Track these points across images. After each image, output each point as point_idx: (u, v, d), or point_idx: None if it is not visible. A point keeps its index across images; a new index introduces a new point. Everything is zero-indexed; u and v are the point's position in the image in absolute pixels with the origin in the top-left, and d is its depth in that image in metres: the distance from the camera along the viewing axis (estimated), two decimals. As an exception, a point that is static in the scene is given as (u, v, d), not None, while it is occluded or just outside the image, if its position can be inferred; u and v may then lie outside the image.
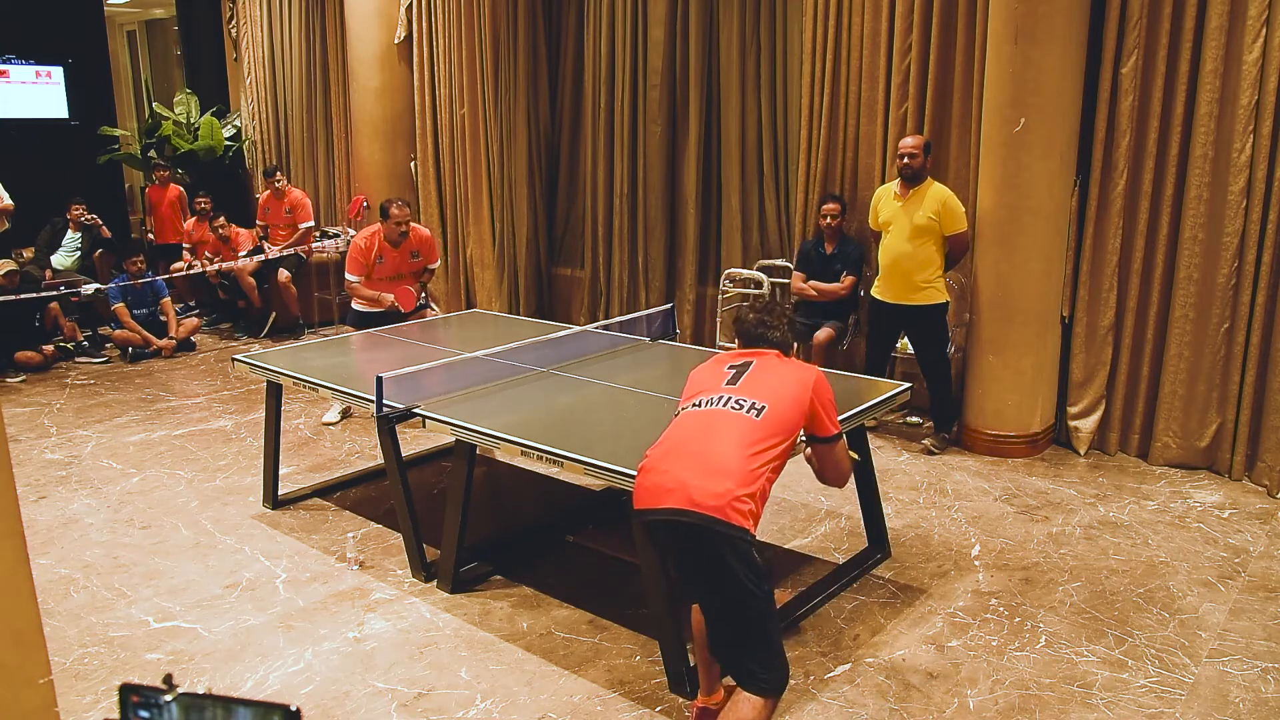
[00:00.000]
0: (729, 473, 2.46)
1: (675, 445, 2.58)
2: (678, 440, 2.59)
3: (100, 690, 3.12)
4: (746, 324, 2.86)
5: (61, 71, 9.32)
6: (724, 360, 2.80)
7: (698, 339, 6.88)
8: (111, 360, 7.40)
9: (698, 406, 2.65)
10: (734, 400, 2.61)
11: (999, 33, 4.80)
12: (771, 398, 2.61)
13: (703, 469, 2.47)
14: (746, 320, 2.87)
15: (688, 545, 2.53)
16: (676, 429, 2.65)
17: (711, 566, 2.48)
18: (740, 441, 2.51)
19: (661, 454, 2.59)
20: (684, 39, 6.62)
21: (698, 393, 2.71)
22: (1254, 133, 4.50)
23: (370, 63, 8.36)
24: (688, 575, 2.64)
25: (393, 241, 5.56)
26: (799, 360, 2.84)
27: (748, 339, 2.84)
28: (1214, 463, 4.85)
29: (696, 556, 2.53)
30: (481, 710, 2.99)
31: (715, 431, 2.54)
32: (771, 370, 2.71)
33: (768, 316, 2.85)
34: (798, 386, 2.66)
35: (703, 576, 2.54)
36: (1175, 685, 3.09)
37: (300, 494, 4.71)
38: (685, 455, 2.53)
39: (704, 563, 2.51)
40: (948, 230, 4.93)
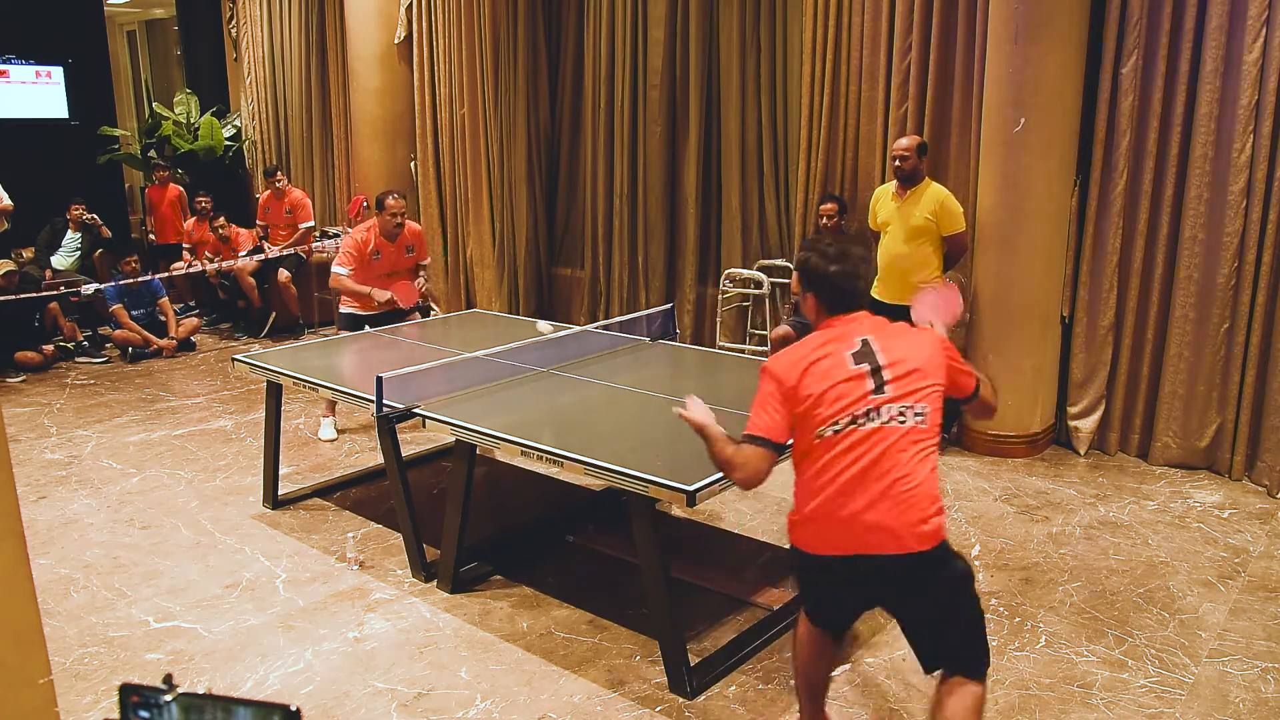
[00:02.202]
0: (923, 496, 2.28)
1: (853, 483, 2.28)
2: (852, 476, 2.28)
3: (100, 690, 3.12)
4: (832, 279, 2.40)
5: (61, 71, 9.32)
6: (838, 342, 2.37)
7: (698, 339, 6.88)
8: (111, 360, 7.40)
9: (854, 426, 2.29)
10: (895, 412, 2.30)
11: (999, 33, 4.80)
12: (927, 393, 2.33)
13: (896, 505, 2.26)
14: (831, 274, 2.40)
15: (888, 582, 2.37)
16: (841, 460, 2.30)
17: (921, 589, 2.36)
18: (917, 457, 2.30)
19: (837, 493, 2.29)
20: (684, 39, 6.62)
21: (839, 404, 2.31)
22: (1254, 133, 4.50)
23: (370, 63, 8.36)
24: (857, 608, 2.56)
25: (389, 235, 5.47)
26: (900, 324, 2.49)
27: (838, 298, 2.41)
28: (1214, 463, 4.85)
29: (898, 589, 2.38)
30: (481, 710, 2.99)
31: (892, 457, 2.28)
32: (900, 348, 2.35)
33: (850, 264, 2.42)
34: (933, 359, 2.37)
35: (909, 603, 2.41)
36: (1175, 685, 3.09)
37: (300, 494, 4.71)
38: (870, 494, 2.27)
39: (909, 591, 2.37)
40: (945, 230, 4.93)
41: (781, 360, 2.41)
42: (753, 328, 6.55)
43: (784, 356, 2.41)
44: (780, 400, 2.36)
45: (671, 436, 3.43)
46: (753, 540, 4.20)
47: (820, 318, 2.46)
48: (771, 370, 2.40)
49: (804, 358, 2.37)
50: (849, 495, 2.29)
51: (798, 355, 2.39)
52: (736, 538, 4.24)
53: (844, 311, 2.41)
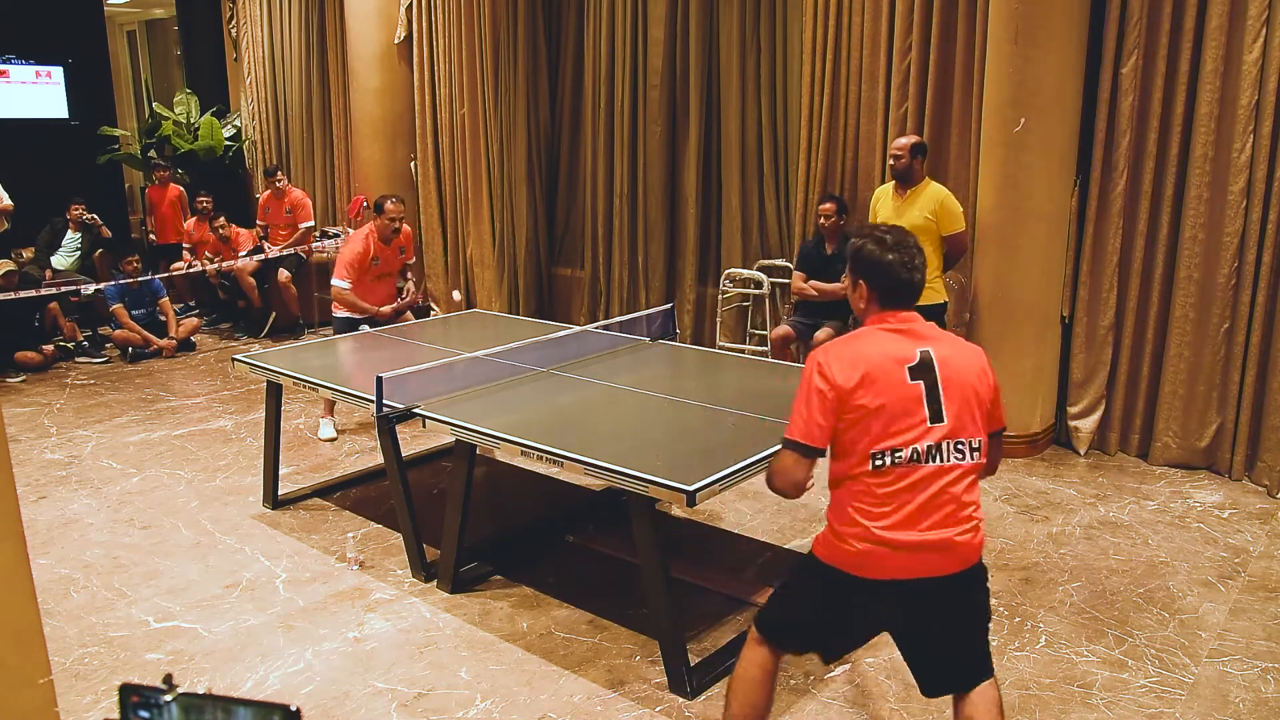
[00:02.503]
0: (971, 517, 2.24)
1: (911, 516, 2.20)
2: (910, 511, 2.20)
3: (100, 690, 3.12)
4: (890, 268, 2.25)
5: (61, 71, 9.32)
6: (896, 347, 2.23)
7: (698, 339, 6.88)
8: (111, 360, 7.40)
9: (915, 463, 2.19)
10: (954, 449, 2.21)
11: (999, 33, 4.80)
12: (981, 420, 2.25)
13: (948, 527, 2.21)
14: (888, 263, 2.25)
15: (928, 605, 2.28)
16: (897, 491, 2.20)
17: (956, 609, 2.31)
18: (968, 485, 2.24)
19: (892, 525, 2.21)
20: (684, 39, 6.62)
21: (896, 429, 2.19)
22: (1254, 133, 4.50)
23: (370, 63, 8.36)
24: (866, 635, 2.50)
25: (385, 239, 5.48)
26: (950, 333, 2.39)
27: (896, 290, 2.27)
28: (1214, 463, 4.85)
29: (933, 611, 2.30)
30: (481, 710, 2.99)
31: (949, 491, 2.21)
32: (956, 369, 2.23)
33: (908, 254, 2.27)
34: (982, 381, 2.27)
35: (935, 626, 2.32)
36: (1175, 685, 3.09)
37: (300, 494, 4.71)
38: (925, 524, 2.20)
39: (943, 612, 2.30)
40: (945, 230, 4.93)
41: (837, 358, 2.22)
42: (753, 328, 6.55)
43: (839, 354, 2.23)
44: (830, 405, 2.21)
45: (671, 436, 3.43)
46: (753, 540, 4.20)
47: (870, 310, 2.31)
48: (825, 368, 2.22)
49: (861, 359, 2.21)
50: (905, 526, 2.20)
51: (855, 354, 2.22)
52: (736, 538, 4.24)
53: (897, 306, 2.28)
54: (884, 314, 2.29)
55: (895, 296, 2.27)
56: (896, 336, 2.25)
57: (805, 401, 2.24)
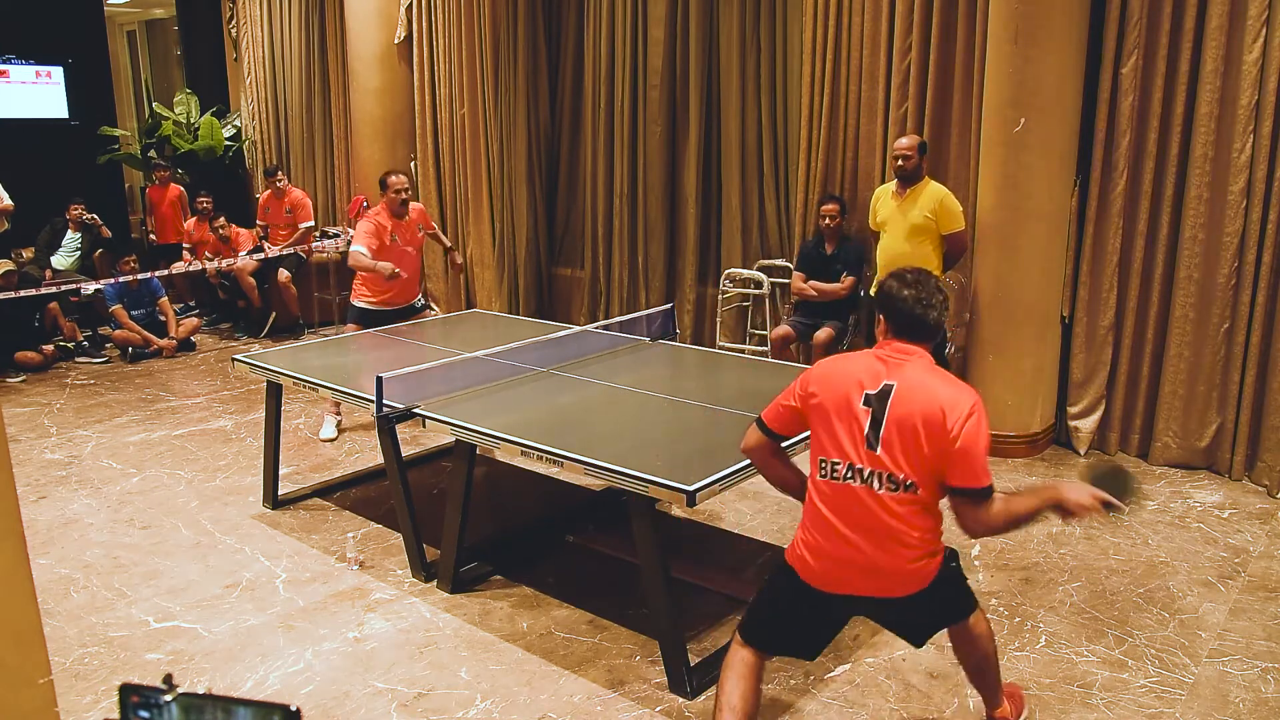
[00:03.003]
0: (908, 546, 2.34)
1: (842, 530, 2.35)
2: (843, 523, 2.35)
3: (100, 690, 3.12)
4: (902, 303, 2.38)
5: (61, 71, 9.32)
6: (870, 374, 2.36)
7: (698, 339, 6.88)
8: (111, 360, 7.40)
9: (848, 481, 2.33)
10: (883, 480, 2.31)
11: (999, 33, 4.80)
12: (919, 465, 2.29)
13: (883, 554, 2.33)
14: (901, 298, 2.38)
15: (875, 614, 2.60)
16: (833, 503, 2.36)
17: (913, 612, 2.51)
18: (910, 512, 2.32)
19: (829, 533, 2.36)
20: (684, 39, 6.62)
21: (834, 442, 2.36)
22: (1254, 133, 4.50)
23: (370, 63, 8.36)
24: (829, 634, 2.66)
25: (397, 214, 5.42)
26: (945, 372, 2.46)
27: (904, 323, 2.39)
28: (1214, 463, 4.85)
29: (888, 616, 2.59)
30: (481, 710, 2.99)
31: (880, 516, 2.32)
32: (910, 407, 2.29)
33: (924, 292, 2.38)
34: (933, 432, 2.28)
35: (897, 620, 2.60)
36: (1175, 685, 3.09)
37: (300, 494, 4.71)
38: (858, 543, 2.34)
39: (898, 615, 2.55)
40: (945, 229, 4.93)
41: (817, 369, 2.50)
42: (753, 328, 6.55)
43: (828, 363, 2.51)
44: (796, 401, 2.48)
45: (671, 436, 3.43)
46: (753, 540, 4.20)
47: (884, 338, 2.48)
48: (805, 372, 2.53)
49: (834, 373, 2.44)
50: (830, 536, 2.38)
51: (834, 366, 2.47)
52: (736, 538, 4.24)
53: (907, 339, 2.41)
54: (890, 342, 2.45)
55: (907, 330, 2.42)
56: (877, 363, 2.41)
57: (784, 394, 2.54)
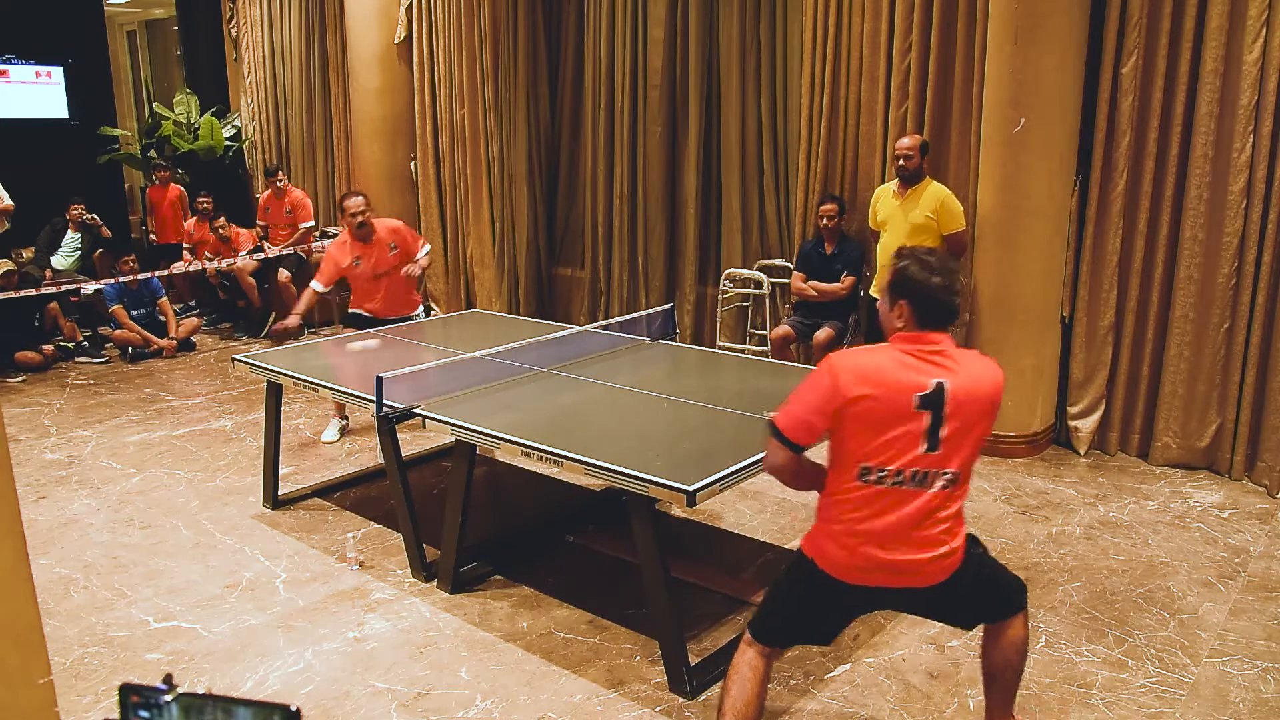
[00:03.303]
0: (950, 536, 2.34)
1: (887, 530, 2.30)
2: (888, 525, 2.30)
3: (100, 690, 3.12)
4: (935, 291, 2.29)
5: (61, 71, 9.31)
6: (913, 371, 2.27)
7: (698, 339, 6.88)
8: (111, 360, 7.40)
9: (899, 485, 2.27)
10: (944, 477, 2.28)
11: (999, 33, 4.80)
12: (972, 453, 2.31)
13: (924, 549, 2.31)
14: (932, 286, 2.29)
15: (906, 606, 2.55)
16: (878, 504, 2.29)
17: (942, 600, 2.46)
18: (952, 506, 2.32)
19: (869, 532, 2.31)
20: (684, 39, 6.62)
21: (890, 452, 2.26)
22: (1254, 133, 4.50)
23: (370, 63, 8.36)
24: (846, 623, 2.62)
25: (361, 238, 5.22)
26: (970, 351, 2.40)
27: (935, 313, 2.31)
28: (1214, 463, 4.85)
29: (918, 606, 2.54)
30: (481, 710, 2.99)
31: (930, 513, 2.29)
32: (965, 400, 2.26)
33: (951, 278, 2.32)
34: (987, 414, 2.31)
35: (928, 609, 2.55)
36: (1175, 685, 3.09)
37: (300, 494, 4.71)
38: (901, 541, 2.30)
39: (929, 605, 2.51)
40: (945, 229, 4.93)
41: (852, 367, 2.28)
42: (753, 328, 6.55)
43: (855, 363, 2.29)
44: (824, 405, 2.27)
45: (671, 436, 3.43)
46: (753, 540, 4.20)
47: (906, 328, 2.33)
48: (836, 372, 2.27)
49: (874, 374, 2.26)
50: (880, 543, 2.31)
51: (870, 368, 2.27)
52: (736, 538, 4.24)
53: (934, 327, 2.31)
54: (917, 334, 2.32)
55: (935, 318, 2.31)
56: (918, 362, 2.28)
57: (803, 397, 2.33)
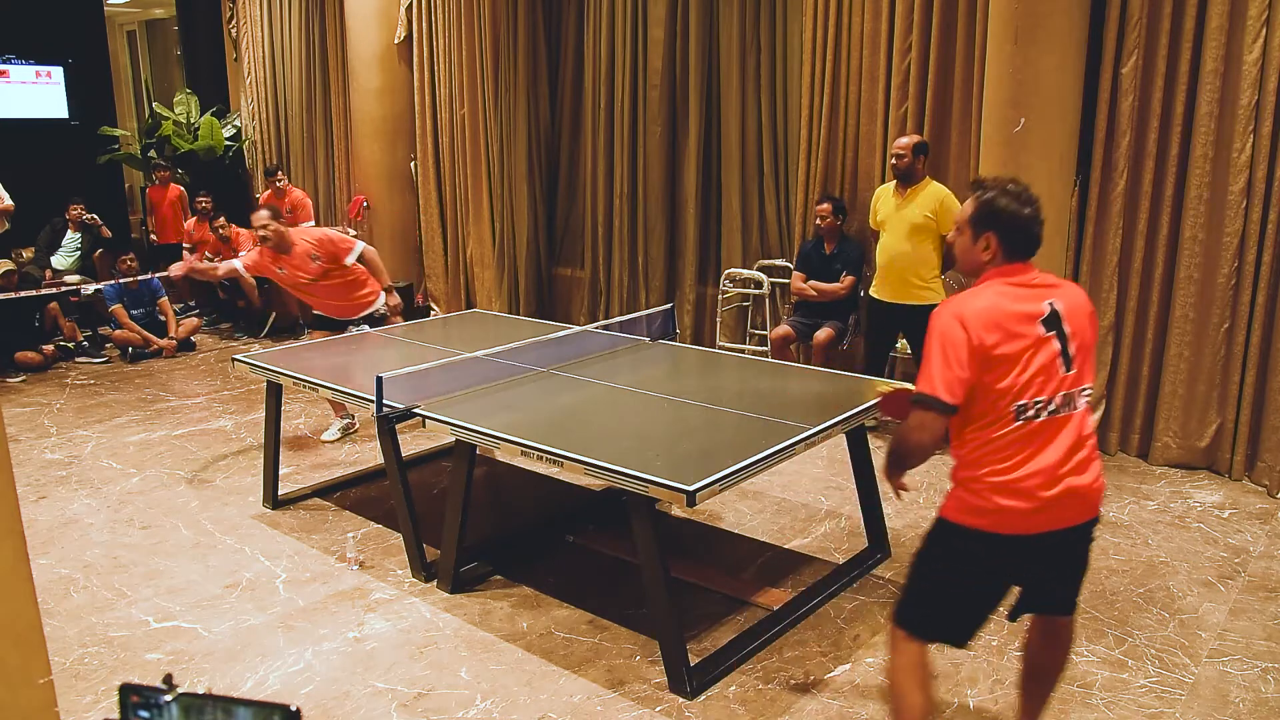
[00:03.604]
0: (1096, 459, 2.34)
1: (1049, 466, 2.25)
2: (1049, 460, 2.25)
3: (100, 690, 3.12)
4: (1025, 222, 2.29)
5: (61, 71, 9.31)
6: (1027, 301, 2.25)
7: (698, 339, 6.88)
8: (111, 360, 7.40)
9: (1052, 413, 2.25)
10: (1081, 394, 2.29)
11: (999, 33, 4.80)
12: (1092, 365, 2.35)
13: (1082, 474, 2.28)
14: (1025, 217, 2.29)
15: (1062, 553, 2.38)
16: (1034, 440, 2.25)
17: (1078, 551, 2.41)
18: (1090, 425, 2.33)
19: (1031, 474, 2.24)
20: (684, 39, 6.62)
21: (1035, 381, 2.22)
22: (1254, 133, 4.50)
23: (370, 63, 8.36)
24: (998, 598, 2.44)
25: (277, 250, 5.14)
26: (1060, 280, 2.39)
27: (1024, 243, 2.30)
28: (1214, 463, 4.85)
29: (1063, 557, 2.39)
30: (481, 710, 2.99)
31: (1078, 435, 2.29)
32: (1077, 319, 2.29)
33: (1037, 207, 2.32)
34: (1093, 327, 2.36)
35: (1056, 569, 2.41)
36: (1175, 685, 3.09)
37: (300, 494, 4.71)
38: (1063, 469, 2.25)
39: (1069, 556, 2.41)
40: (945, 229, 4.93)
41: (974, 314, 2.23)
42: (753, 328, 6.55)
43: (975, 309, 2.24)
44: (968, 358, 2.21)
45: (671, 436, 3.43)
46: (753, 540, 4.20)
47: (995, 262, 2.32)
48: (965, 323, 2.22)
49: (997, 314, 2.23)
50: (1051, 476, 2.24)
51: (990, 309, 2.23)
52: (736, 538, 4.24)
53: (1024, 258, 2.31)
54: (1007, 268, 2.31)
55: (1024, 249, 2.30)
56: (1023, 290, 2.28)
57: (944, 357, 2.23)
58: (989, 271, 2.33)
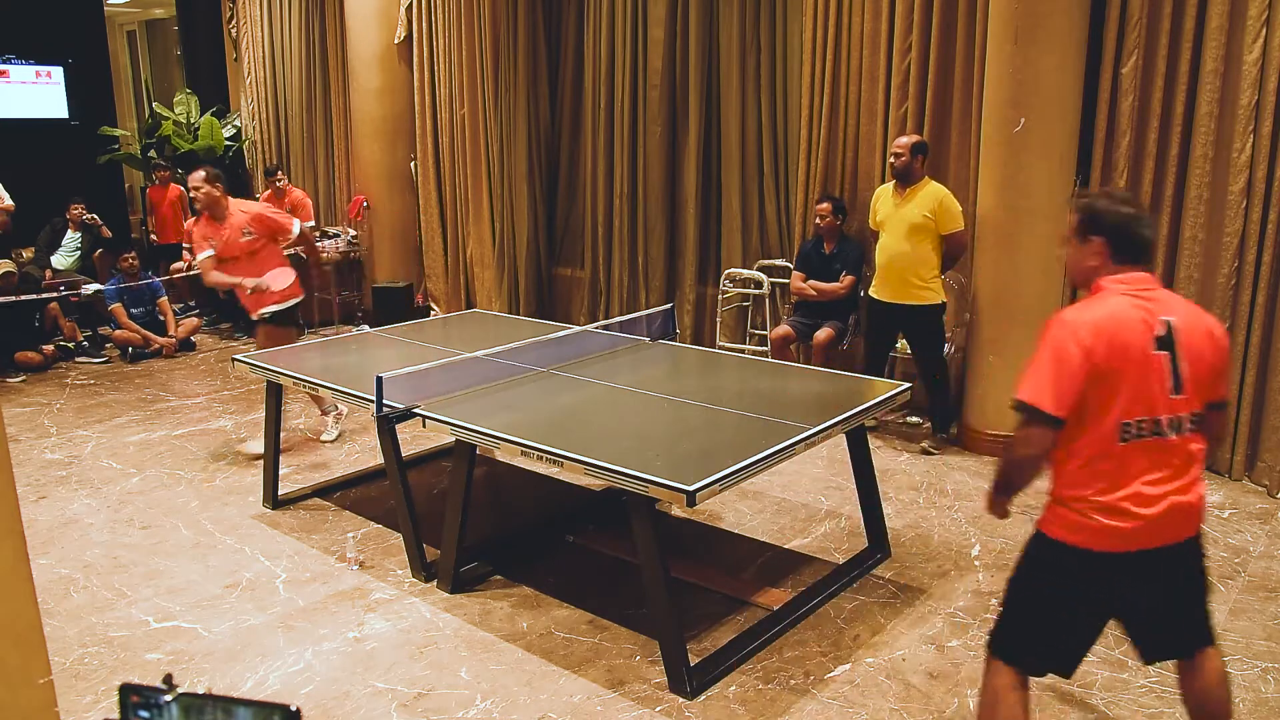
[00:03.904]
0: (1200, 478, 2.27)
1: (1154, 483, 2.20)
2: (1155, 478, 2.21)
3: (100, 690, 3.12)
4: (1129, 223, 2.23)
5: (61, 71, 9.31)
6: (1142, 314, 2.18)
7: (698, 339, 6.88)
8: (111, 360, 7.40)
9: (1157, 435, 2.19)
10: (1190, 420, 2.22)
11: (999, 33, 4.80)
12: (1204, 391, 2.24)
13: (1186, 492, 2.23)
14: (1126, 217, 2.23)
15: (1169, 572, 2.29)
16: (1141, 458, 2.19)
17: (1189, 570, 2.34)
18: (1199, 454, 2.26)
19: (1135, 492, 2.20)
20: (684, 39, 6.62)
21: (1142, 399, 2.17)
22: (1254, 133, 4.50)
23: (370, 63, 8.37)
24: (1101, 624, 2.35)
25: (212, 216, 4.93)
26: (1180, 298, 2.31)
27: (1133, 246, 2.24)
28: (1214, 463, 4.85)
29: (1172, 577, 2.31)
30: (481, 710, 2.99)
31: (1186, 457, 2.23)
32: (1190, 336, 2.20)
33: (1141, 209, 2.27)
34: (1213, 350, 2.24)
35: (1168, 591, 2.32)
36: (1175, 685, 3.08)
37: (300, 494, 4.71)
38: (1168, 488, 2.21)
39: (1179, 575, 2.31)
40: (944, 229, 4.93)
41: (1088, 324, 2.17)
42: (753, 328, 6.55)
43: (1089, 320, 2.18)
44: (1077, 371, 2.15)
45: (671, 436, 3.43)
46: (753, 540, 4.20)
47: (1105, 269, 2.25)
48: (1076, 333, 2.17)
49: (1112, 326, 2.16)
50: (1147, 499, 2.20)
51: (1105, 320, 2.17)
52: (736, 538, 4.24)
53: (1135, 263, 2.23)
54: (1119, 274, 2.24)
55: (1134, 252, 2.24)
56: (1141, 303, 2.21)
57: (1053, 368, 2.18)
58: (1100, 279, 2.26)
